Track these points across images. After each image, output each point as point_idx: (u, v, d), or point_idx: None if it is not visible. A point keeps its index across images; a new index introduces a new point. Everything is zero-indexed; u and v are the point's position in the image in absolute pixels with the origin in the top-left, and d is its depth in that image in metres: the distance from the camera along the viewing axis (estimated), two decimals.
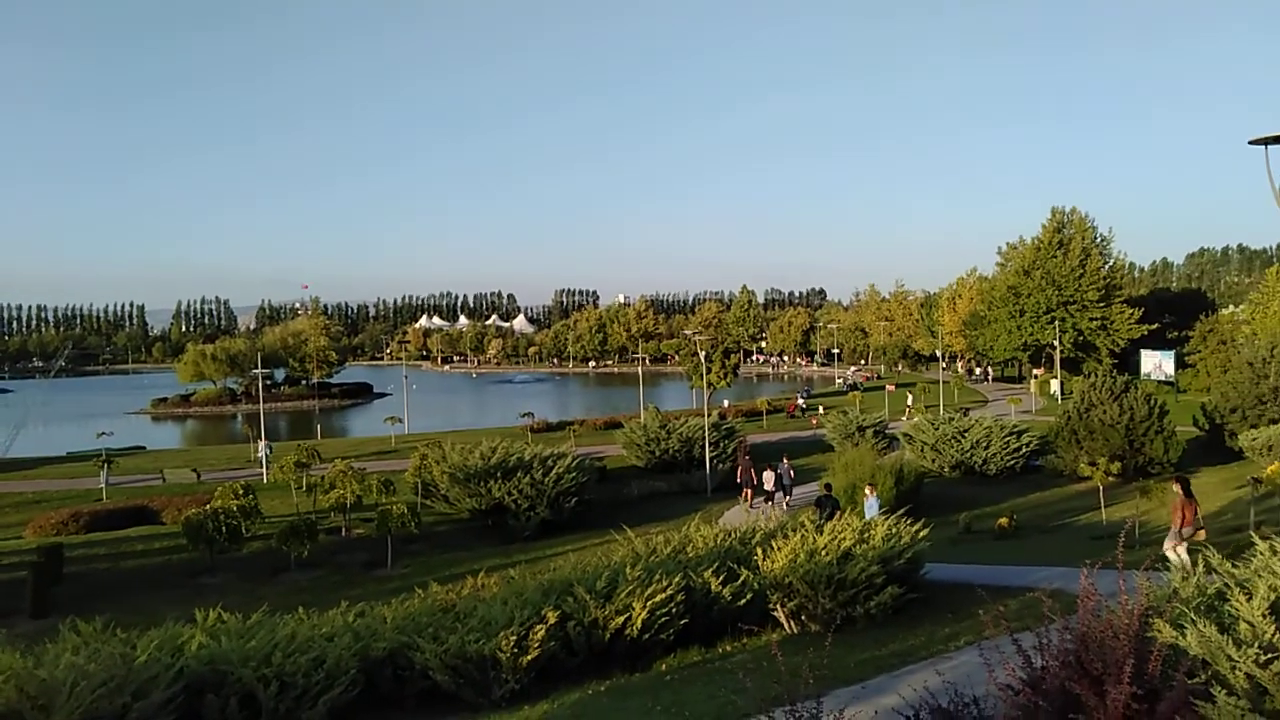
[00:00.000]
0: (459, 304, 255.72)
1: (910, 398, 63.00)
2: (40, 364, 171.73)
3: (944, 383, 67.20)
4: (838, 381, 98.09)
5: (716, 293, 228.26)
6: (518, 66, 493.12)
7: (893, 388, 73.45)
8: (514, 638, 10.32)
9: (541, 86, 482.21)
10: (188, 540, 24.15)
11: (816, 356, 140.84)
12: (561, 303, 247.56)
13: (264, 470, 40.27)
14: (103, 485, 36.82)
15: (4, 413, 71.27)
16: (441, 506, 31.00)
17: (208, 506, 25.85)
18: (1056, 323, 73.10)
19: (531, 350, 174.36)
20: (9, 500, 35.90)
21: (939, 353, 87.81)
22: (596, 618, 11.27)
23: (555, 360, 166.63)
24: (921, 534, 13.93)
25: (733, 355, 64.93)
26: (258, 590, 21.82)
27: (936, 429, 34.54)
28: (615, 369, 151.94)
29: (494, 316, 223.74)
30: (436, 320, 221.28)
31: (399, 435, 51.94)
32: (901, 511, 15.58)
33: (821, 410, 57.96)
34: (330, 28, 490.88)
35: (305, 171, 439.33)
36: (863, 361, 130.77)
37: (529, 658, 10.41)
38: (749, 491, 30.14)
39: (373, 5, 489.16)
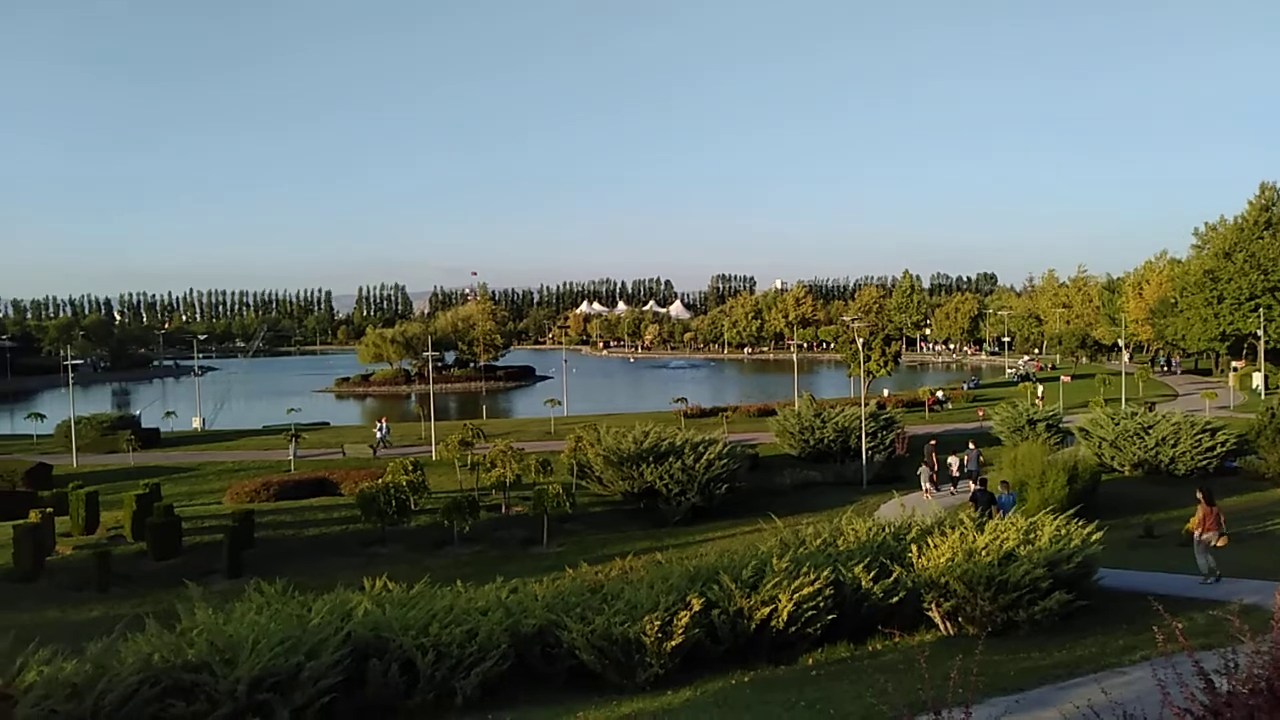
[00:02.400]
0: (618, 290, 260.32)
1: (1040, 389, 58.63)
2: (241, 344, 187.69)
3: (1127, 374, 62.43)
4: (1008, 372, 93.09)
5: (878, 278, 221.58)
6: (679, 41, 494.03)
7: (1069, 379, 68.97)
8: (658, 623, 10.37)
9: (698, 62, 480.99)
10: (362, 512, 25.79)
11: (986, 345, 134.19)
12: (718, 289, 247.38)
13: (375, 449, 42.92)
14: (291, 457, 39.94)
15: (210, 388, 78.59)
16: (596, 488, 31.67)
17: (380, 481, 27.49)
18: (1261, 311, 66.28)
19: (687, 336, 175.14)
20: (212, 468, 39.53)
21: (1121, 342, 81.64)
22: (742, 607, 11.17)
23: (711, 346, 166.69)
24: (1094, 537, 12.99)
25: (894, 343, 62.94)
26: (423, 561, 23.03)
27: (1117, 424, 32.14)
28: (771, 356, 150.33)
29: (651, 302, 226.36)
30: (596, 306, 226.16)
31: (558, 417, 53.45)
32: (1072, 511, 14.58)
33: (952, 401, 54.97)
34: (502, 28, 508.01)
35: (477, 167, 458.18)
36: (1036, 351, 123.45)
37: (673, 643, 10.44)
38: (934, 476, 29.77)
39: None
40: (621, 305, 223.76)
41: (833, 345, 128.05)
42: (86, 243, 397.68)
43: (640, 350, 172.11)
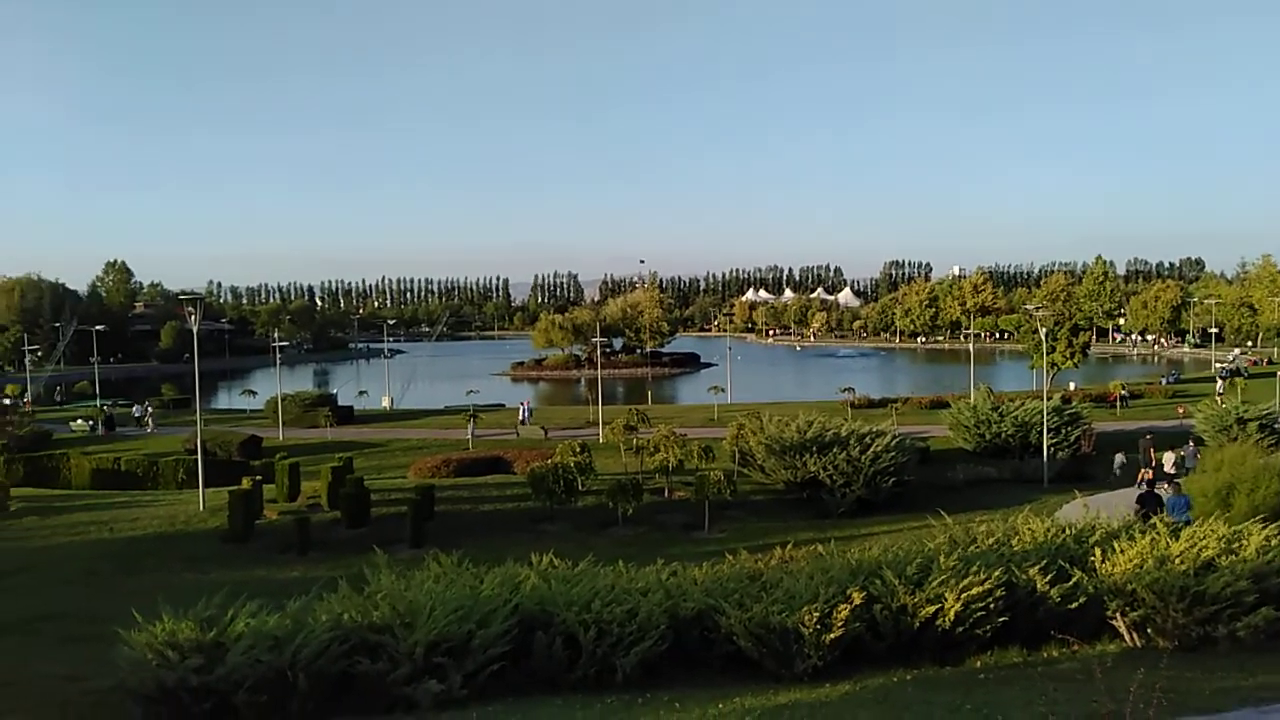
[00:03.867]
0: (785, 277, 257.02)
1: (1220, 384, 52.71)
2: (426, 329, 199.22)
3: None
4: (1215, 366, 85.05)
5: (1066, 264, 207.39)
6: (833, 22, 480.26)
7: None
8: (817, 614, 10.25)
9: (860, 41, 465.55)
10: (532, 490, 26.92)
11: (1189, 336, 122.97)
12: (890, 275, 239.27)
13: (517, 429, 44.54)
14: (469, 436, 42.17)
15: (398, 370, 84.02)
16: (758, 476, 31.56)
17: (550, 461, 28.56)
18: None
19: (856, 324, 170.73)
20: (398, 445, 42.33)
21: None
22: (905, 604, 10.85)
23: (881, 335, 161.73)
24: None
25: (1082, 333, 58.92)
26: (588, 541, 23.74)
27: None
28: (946, 345, 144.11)
29: (819, 290, 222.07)
30: (763, 293, 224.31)
31: (721, 404, 53.53)
32: None
33: (1145, 396, 50.44)
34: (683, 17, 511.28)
35: (647, 154, 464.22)
36: (1249, 344, 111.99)
37: (832, 636, 10.29)
38: (1148, 473, 28.28)
39: None
40: (789, 292, 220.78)
41: (1014, 335, 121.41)
42: (293, 234, 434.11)
43: (807, 338, 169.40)
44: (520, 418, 47.67)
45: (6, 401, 52.55)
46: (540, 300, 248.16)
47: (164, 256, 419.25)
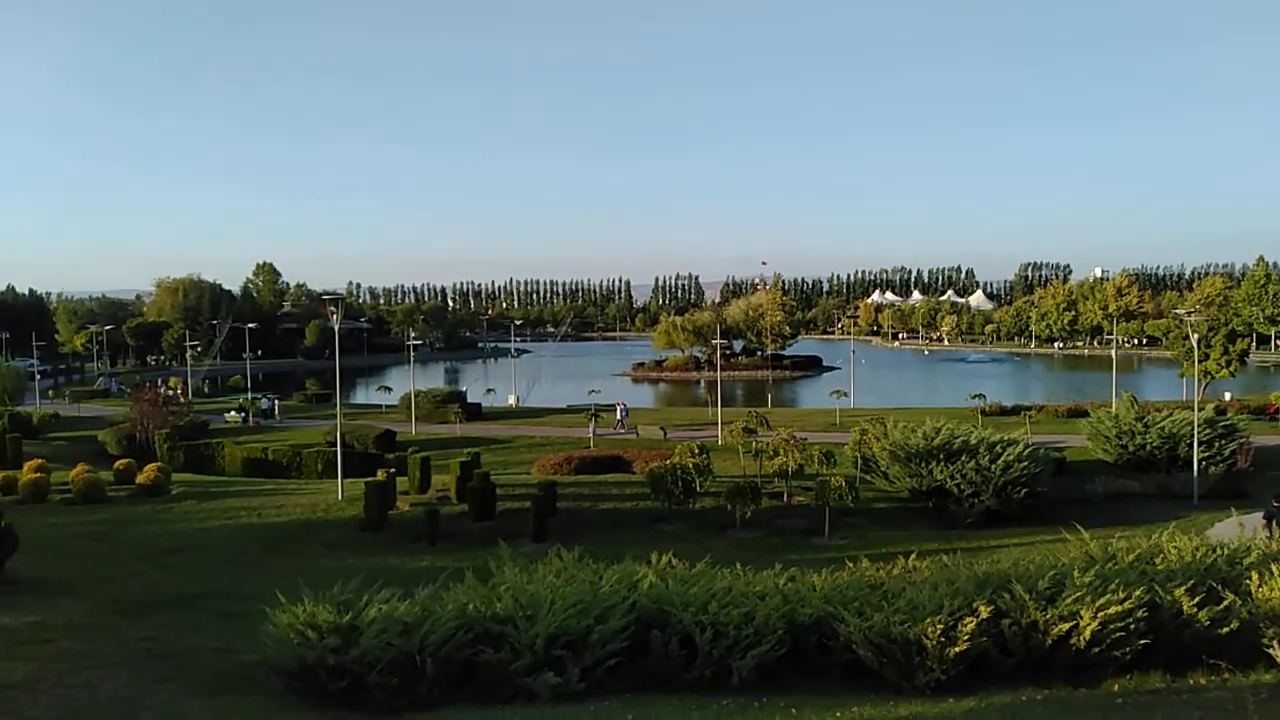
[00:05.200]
0: (913, 279, 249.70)
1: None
2: (551, 330, 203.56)
3: None
4: None
5: (1223, 265, 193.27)
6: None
7: None
8: (941, 626, 9.94)
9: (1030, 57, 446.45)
10: (651, 490, 27.15)
11: None
12: (1026, 277, 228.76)
13: (611, 428, 44.61)
14: (590, 435, 42.84)
15: (523, 369, 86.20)
16: (881, 483, 30.80)
17: (669, 462, 28.71)
18: None
19: (989, 328, 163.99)
20: (522, 442, 43.45)
21: None
22: (1036, 620, 10.38)
23: (1015, 340, 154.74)
24: None
25: (1240, 339, 54.73)
26: (705, 542, 23.77)
27: None
28: (1086, 351, 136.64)
29: (949, 292, 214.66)
30: (889, 295, 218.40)
31: (843, 409, 52.52)
32: None
33: None
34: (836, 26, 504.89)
35: (771, 155, 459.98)
36: None
37: (957, 649, 9.95)
38: None
39: None
40: (916, 295, 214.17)
41: (1162, 341, 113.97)
42: (427, 237, 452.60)
43: (935, 342, 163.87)
44: (618, 417, 48.43)
45: (170, 393, 56.82)
46: (661, 302, 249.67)
47: (308, 258, 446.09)
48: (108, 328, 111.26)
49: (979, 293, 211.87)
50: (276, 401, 60.13)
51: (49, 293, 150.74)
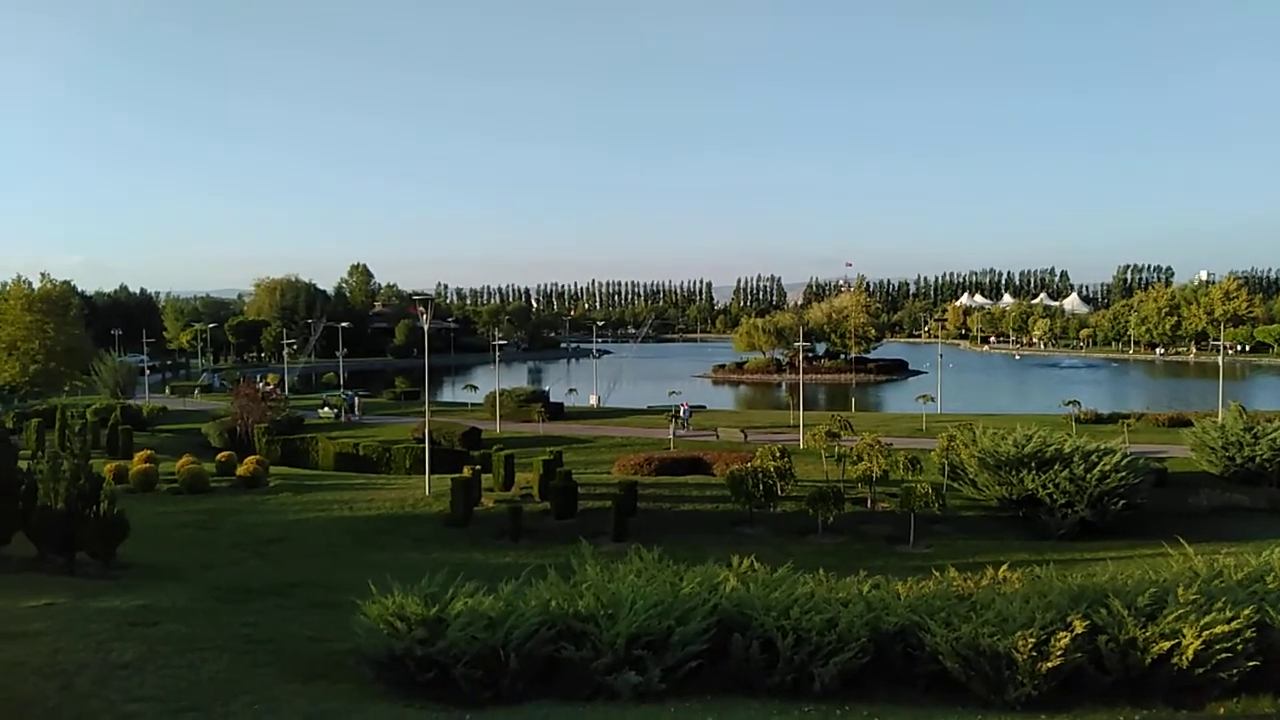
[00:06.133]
0: (1003, 281, 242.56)
1: None
2: (632, 331, 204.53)
3: None
4: None
5: None
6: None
7: None
8: (1033, 640, 9.64)
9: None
10: (731, 492, 27.01)
11: None
12: (1124, 280, 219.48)
13: (672, 432, 44.10)
14: (670, 436, 42.91)
15: (605, 369, 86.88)
16: (969, 491, 29.98)
17: (749, 464, 28.52)
18: None
19: (1084, 333, 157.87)
20: (603, 442, 43.77)
21: None
22: (1134, 637, 9.97)
23: (1113, 345, 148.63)
24: None
25: None
26: (786, 547, 23.52)
27: None
28: (1190, 358, 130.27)
29: (1042, 295, 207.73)
30: (978, 298, 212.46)
31: (930, 414, 51.32)
32: None
33: None
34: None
35: (856, 155, 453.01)
36: None
37: (1050, 665, 9.63)
38: None
39: None
40: (1007, 298, 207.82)
41: (1273, 348, 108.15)
42: (514, 239, 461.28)
43: (1027, 346, 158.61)
44: (681, 416, 48.16)
45: (267, 389, 59.15)
46: (742, 304, 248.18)
47: (399, 261, 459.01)
48: (211, 326, 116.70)
49: (1074, 296, 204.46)
50: (357, 398, 62.13)
51: (158, 292, 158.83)
